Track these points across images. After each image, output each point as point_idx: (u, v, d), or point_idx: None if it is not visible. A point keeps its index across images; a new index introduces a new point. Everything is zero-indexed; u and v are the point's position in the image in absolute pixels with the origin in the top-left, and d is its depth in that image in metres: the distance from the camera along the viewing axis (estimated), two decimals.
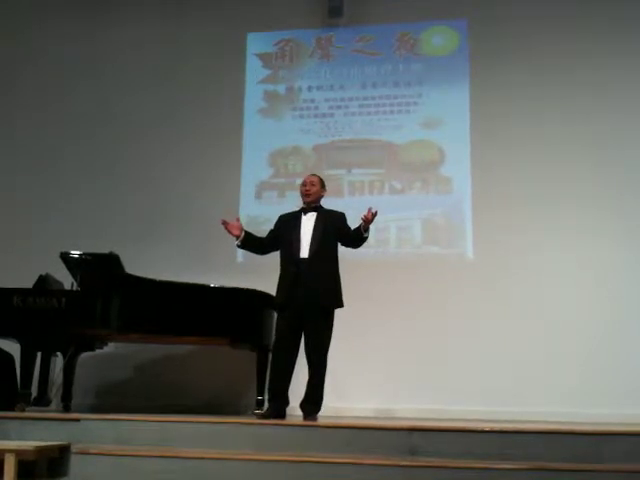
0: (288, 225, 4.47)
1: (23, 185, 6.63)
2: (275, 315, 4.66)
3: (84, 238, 5.78)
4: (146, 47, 6.78)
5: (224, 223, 4.44)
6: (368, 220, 4.25)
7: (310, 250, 4.30)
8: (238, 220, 4.52)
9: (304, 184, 4.53)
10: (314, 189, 4.49)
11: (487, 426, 3.66)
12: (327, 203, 4.64)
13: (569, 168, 5.93)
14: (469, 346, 5.61)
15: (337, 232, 4.42)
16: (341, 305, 4.36)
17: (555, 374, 5.45)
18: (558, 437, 3.51)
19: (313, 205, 4.48)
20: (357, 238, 4.40)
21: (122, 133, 6.63)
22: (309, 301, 4.22)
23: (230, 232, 4.45)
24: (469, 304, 5.72)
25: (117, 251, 4.86)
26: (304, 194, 4.49)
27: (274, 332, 4.57)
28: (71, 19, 6.94)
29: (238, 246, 4.54)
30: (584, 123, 5.99)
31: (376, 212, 4.25)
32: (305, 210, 4.48)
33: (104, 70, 6.81)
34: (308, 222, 4.41)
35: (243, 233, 4.45)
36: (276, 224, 4.60)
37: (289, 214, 4.57)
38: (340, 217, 4.52)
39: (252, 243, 4.54)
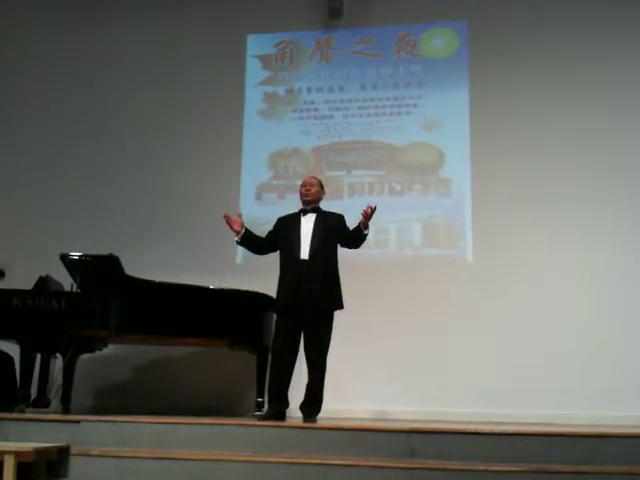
0: (287, 226, 4.47)
1: (23, 185, 6.63)
2: (275, 316, 4.66)
3: (84, 239, 5.77)
4: (146, 48, 6.79)
5: (226, 217, 4.44)
6: (367, 215, 4.26)
7: (310, 251, 4.31)
8: (240, 216, 4.52)
9: (303, 185, 4.54)
10: (313, 189, 4.50)
11: (487, 428, 3.66)
12: (327, 205, 4.64)
13: (569, 169, 5.93)
14: (469, 348, 5.61)
15: (337, 233, 4.42)
16: (341, 306, 4.36)
17: (555, 375, 5.45)
18: (557, 439, 3.52)
19: (312, 207, 4.49)
20: (357, 237, 4.40)
21: (122, 134, 6.64)
22: (309, 302, 4.22)
23: (231, 227, 4.45)
24: (469, 305, 5.72)
25: (116, 252, 4.86)
26: (303, 194, 4.51)
27: (274, 333, 4.57)
28: (71, 19, 6.94)
29: (237, 242, 4.53)
30: (584, 124, 5.99)
31: (375, 207, 4.26)
32: (304, 212, 4.49)
33: (104, 70, 6.81)
34: (307, 223, 4.42)
35: (243, 230, 4.45)
36: (275, 225, 4.60)
37: (288, 216, 4.58)
38: (339, 218, 4.52)
39: (251, 241, 4.53)
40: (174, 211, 6.34)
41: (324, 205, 4.61)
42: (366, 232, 4.35)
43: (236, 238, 4.47)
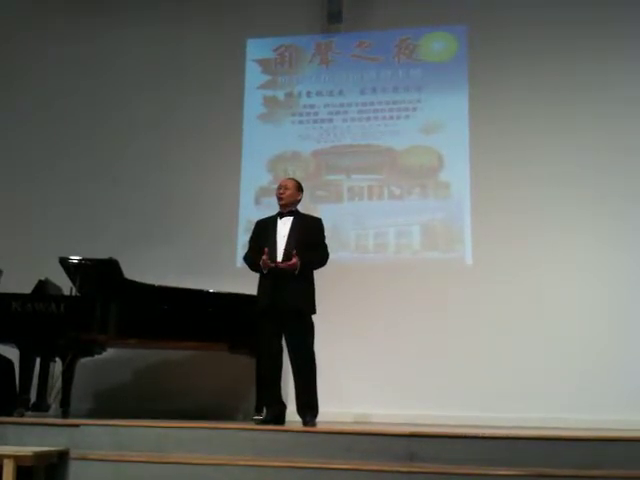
0: (265, 230, 4.44)
1: (22, 187, 6.63)
2: None
3: (83, 242, 5.78)
4: (146, 51, 6.80)
5: (265, 262, 4.24)
6: (286, 267, 4.19)
7: (284, 255, 4.27)
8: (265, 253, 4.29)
9: (278, 187, 4.52)
10: (288, 192, 4.45)
11: (486, 432, 3.65)
12: (327, 209, 4.65)
13: (569, 172, 5.94)
14: (468, 351, 5.60)
15: (309, 239, 4.33)
16: (313, 311, 4.29)
17: (555, 379, 5.45)
18: (558, 443, 3.50)
19: (289, 209, 4.45)
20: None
21: (121, 138, 6.64)
22: (285, 305, 4.20)
23: (264, 268, 4.28)
24: (468, 309, 5.72)
25: (116, 256, 4.86)
26: (278, 197, 4.47)
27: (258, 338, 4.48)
28: (72, 22, 6.95)
29: (263, 271, 4.33)
30: (583, 127, 6.01)
31: (275, 265, 4.19)
32: (281, 214, 4.46)
33: (104, 73, 6.82)
34: (284, 227, 4.38)
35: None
36: (254, 230, 4.54)
37: (266, 219, 4.53)
38: (316, 224, 4.48)
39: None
40: (174, 215, 6.35)
41: (323, 209, 4.60)
42: (295, 271, 4.20)
43: (265, 270, 4.29)
